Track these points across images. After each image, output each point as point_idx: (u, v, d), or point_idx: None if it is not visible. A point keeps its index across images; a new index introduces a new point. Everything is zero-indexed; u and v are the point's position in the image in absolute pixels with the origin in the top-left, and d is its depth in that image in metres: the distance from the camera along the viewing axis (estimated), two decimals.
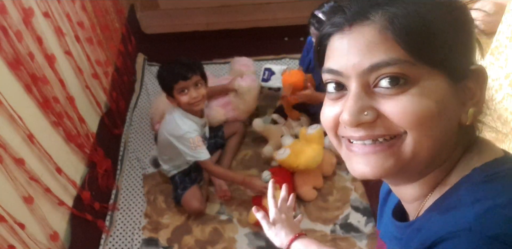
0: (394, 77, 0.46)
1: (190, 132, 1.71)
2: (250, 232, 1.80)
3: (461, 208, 0.45)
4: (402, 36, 0.45)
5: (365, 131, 0.49)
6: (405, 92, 0.46)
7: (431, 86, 0.46)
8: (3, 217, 1.27)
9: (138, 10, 2.78)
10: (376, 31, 0.46)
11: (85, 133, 1.87)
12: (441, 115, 0.46)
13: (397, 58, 0.45)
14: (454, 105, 0.48)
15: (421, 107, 0.45)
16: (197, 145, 1.70)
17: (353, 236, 1.76)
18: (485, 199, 0.44)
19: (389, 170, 0.49)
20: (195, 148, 1.70)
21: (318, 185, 1.91)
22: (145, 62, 2.61)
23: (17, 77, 1.41)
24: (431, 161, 0.50)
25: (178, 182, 1.88)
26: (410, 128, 0.46)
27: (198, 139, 1.71)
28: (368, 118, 0.47)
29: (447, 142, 0.49)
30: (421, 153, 0.48)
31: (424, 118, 0.45)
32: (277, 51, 2.59)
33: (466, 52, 0.49)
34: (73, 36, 1.82)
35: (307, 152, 1.77)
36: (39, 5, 1.56)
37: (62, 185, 1.72)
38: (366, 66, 0.47)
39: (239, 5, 2.73)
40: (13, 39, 1.35)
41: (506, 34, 1.16)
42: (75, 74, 1.87)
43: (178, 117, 1.74)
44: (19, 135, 1.41)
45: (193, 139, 1.69)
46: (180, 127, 1.71)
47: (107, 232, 1.82)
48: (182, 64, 1.71)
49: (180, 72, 1.68)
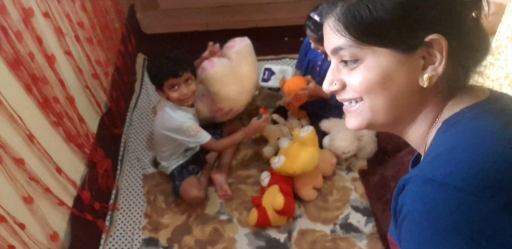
0: (344, 61, 0.61)
1: (185, 121, 1.73)
2: (250, 232, 1.80)
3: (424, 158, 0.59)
4: (349, 25, 0.58)
5: (339, 95, 0.66)
6: (356, 69, 0.60)
7: (374, 62, 0.58)
8: (3, 217, 1.27)
9: (138, 10, 2.78)
10: (335, 22, 0.60)
11: (85, 133, 1.87)
12: (386, 83, 0.58)
13: (346, 43, 0.59)
14: (404, 73, 0.58)
15: (366, 80, 0.59)
16: (197, 131, 1.74)
17: (353, 236, 1.76)
18: (436, 148, 0.57)
19: (361, 124, 0.65)
20: (195, 134, 1.73)
21: (318, 185, 1.91)
22: (145, 62, 2.61)
23: (17, 77, 1.41)
24: (395, 115, 0.62)
25: (176, 174, 1.90)
26: (363, 95, 0.61)
27: (196, 125, 1.75)
28: (336, 88, 0.65)
29: (407, 99, 0.60)
30: (379, 111, 0.61)
31: (370, 87, 0.59)
32: (277, 51, 2.59)
33: (417, 28, 0.56)
34: (73, 36, 1.82)
35: (302, 155, 1.76)
36: (39, 5, 1.56)
37: (62, 185, 1.72)
38: (331, 49, 0.63)
39: (239, 5, 2.73)
40: (13, 39, 1.36)
41: (506, 34, 1.16)
42: (75, 74, 1.87)
43: (170, 110, 1.76)
44: (19, 135, 1.41)
45: (191, 127, 1.72)
46: (175, 118, 1.73)
47: (107, 232, 1.82)
48: (172, 61, 1.70)
49: (171, 70, 1.68)
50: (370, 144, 1.98)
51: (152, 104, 2.35)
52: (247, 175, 1.99)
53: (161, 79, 1.71)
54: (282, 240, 1.77)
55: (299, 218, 1.84)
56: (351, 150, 1.89)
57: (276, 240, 1.77)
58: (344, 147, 1.88)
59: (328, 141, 1.92)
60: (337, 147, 1.88)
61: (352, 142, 1.89)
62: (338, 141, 1.88)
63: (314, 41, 1.77)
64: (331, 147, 1.91)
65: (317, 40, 1.73)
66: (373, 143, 1.99)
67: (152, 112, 2.30)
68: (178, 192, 1.87)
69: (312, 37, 1.75)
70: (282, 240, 1.77)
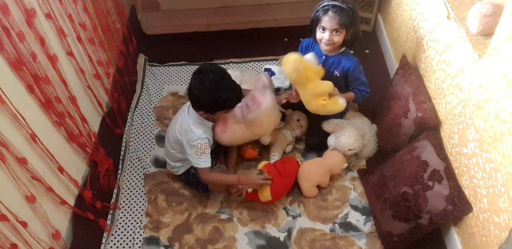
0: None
1: (201, 138, 1.70)
2: (250, 231, 1.81)
3: None
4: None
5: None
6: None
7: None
8: (5, 216, 1.28)
9: (139, 11, 2.80)
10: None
11: (87, 132, 1.88)
12: None
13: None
14: None
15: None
16: (203, 151, 1.70)
17: (352, 235, 1.77)
18: None
19: None
20: (200, 154, 1.70)
21: (323, 184, 1.92)
22: (146, 62, 2.62)
23: (19, 78, 1.42)
24: None
25: (196, 173, 1.84)
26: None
27: (206, 146, 1.71)
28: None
29: None
30: None
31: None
32: (277, 52, 2.60)
33: None
34: (75, 37, 1.83)
35: None
36: (42, 6, 1.57)
37: (64, 184, 1.74)
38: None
39: (239, 6, 2.74)
40: (15, 39, 1.37)
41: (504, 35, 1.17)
42: (77, 75, 1.88)
43: (192, 123, 1.72)
44: (22, 135, 1.43)
45: (201, 145, 1.69)
46: (194, 131, 1.70)
47: (108, 231, 1.83)
48: (236, 95, 1.65)
49: (234, 104, 1.67)
50: (371, 143, 1.99)
51: (153, 104, 2.37)
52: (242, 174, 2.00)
53: (218, 109, 1.67)
54: (282, 239, 1.78)
55: (299, 217, 1.85)
56: (357, 146, 1.90)
57: (276, 239, 1.78)
58: (350, 144, 1.89)
59: (334, 138, 1.93)
60: (343, 143, 1.89)
61: (357, 139, 1.90)
62: (344, 137, 1.89)
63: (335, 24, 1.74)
64: (337, 144, 1.91)
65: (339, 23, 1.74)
66: (374, 142, 2.01)
67: None
68: (207, 187, 1.86)
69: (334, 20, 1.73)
70: (282, 238, 1.78)
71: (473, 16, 1.42)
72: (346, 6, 1.73)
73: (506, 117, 1.17)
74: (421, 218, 1.53)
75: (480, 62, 1.34)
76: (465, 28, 1.47)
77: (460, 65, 1.50)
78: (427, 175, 1.53)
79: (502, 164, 1.20)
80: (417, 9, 1.97)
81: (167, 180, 2.01)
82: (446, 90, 1.63)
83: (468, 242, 1.51)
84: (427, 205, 1.50)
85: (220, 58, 2.62)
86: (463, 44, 1.47)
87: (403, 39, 2.20)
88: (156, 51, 2.70)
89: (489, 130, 1.27)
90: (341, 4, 1.74)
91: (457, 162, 1.53)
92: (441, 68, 1.68)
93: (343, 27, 1.75)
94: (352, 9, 1.74)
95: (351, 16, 1.74)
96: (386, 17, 2.51)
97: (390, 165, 1.75)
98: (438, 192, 1.49)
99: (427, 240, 1.70)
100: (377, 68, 2.45)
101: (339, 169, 1.92)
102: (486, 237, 1.36)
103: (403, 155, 1.70)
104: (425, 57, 1.85)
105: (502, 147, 1.19)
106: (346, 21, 1.73)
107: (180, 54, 2.67)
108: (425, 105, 1.70)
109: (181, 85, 2.49)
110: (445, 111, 1.64)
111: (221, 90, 1.60)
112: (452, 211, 1.47)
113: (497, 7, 1.37)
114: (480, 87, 1.34)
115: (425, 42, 1.86)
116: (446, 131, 1.63)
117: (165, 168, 2.05)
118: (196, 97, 1.64)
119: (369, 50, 2.58)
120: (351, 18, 1.74)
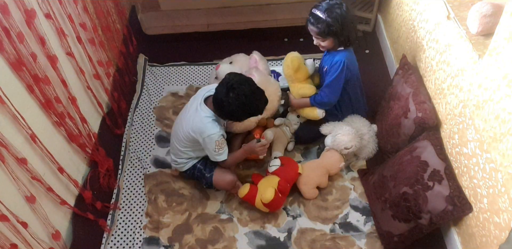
0: None
1: (215, 134, 1.70)
2: (251, 231, 1.81)
3: None
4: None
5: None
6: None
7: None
8: (5, 216, 1.28)
9: (139, 11, 2.80)
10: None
11: (87, 133, 1.88)
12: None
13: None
14: None
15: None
16: (220, 147, 1.75)
17: (352, 235, 1.77)
18: None
19: None
20: (218, 149, 1.74)
21: (322, 185, 1.92)
22: (146, 62, 2.62)
23: (19, 78, 1.42)
24: None
25: (202, 168, 1.88)
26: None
27: (223, 140, 1.75)
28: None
29: None
30: None
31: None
32: (277, 52, 2.60)
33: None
34: (75, 37, 1.83)
35: None
36: (41, 7, 1.57)
37: (64, 185, 1.74)
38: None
39: (239, 6, 2.74)
40: (15, 40, 1.37)
41: (504, 35, 1.17)
42: (77, 75, 1.88)
43: (208, 121, 1.72)
44: (22, 135, 1.43)
45: (218, 141, 1.72)
46: (211, 129, 1.70)
47: (108, 231, 1.83)
48: (264, 101, 1.71)
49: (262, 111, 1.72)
50: (371, 144, 1.99)
51: (153, 104, 2.37)
52: (247, 175, 2.00)
53: (250, 116, 1.72)
54: (282, 239, 1.78)
55: (299, 217, 1.85)
56: (353, 144, 1.90)
57: (276, 239, 1.78)
58: (346, 142, 1.89)
59: (331, 137, 1.94)
60: (339, 141, 1.89)
61: (353, 137, 1.90)
62: (340, 135, 1.90)
63: (314, 34, 1.81)
64: (333, 143, 1.91)
65: (317, 33, 1.79)
66: (374, 143, 2.01)
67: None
68: (211, 183, 1.87)
69: (313, 31, 1.81)
70: (282, 239, 1.78)
71: (473, 16, 1.42)
72: (324, 16, 1.71)
73: (506, 118, 1.17)
74: (421, 218, 1.53)
75: (480, 62, 1.34)
76: (465, 28, 1.47)
77: (460, 65, 1.50)
78: (427, 175, 1.53)
79: (502, 164, 1.20)
80: (417, 9, 1.97)
81: (167, 180, 2.01)
82: (446, 90, 1.63)
83: (468, 242, 1.51)
84: (427, 205, 1.50)
85: (220, 58, 2.62)
86: (463, 44, 1.47)
87: (403, 39, 2.20)
88: (156, 52, 2.70)
89: (489, 130, 1.27)
90: (321, 14, 1.72)
91: (457, 162, 1.53)
92: (441, 68, 1.68)
93: (323, 37, 1.78)
94: (334, 18, 1.71)
95: (331, 25, 1.72)
96: (386, 17, 2.51)
97: (390, 165, 1.75)
98: (438, 192, 1.49)
99: (427, 240, 1.70)
100: (377, 69, 2.45)
101: (336, 168, 1.92)
102: (486, 237, 1.36)
103: (403, 155, 1.70)
104: (425, 58, 1.85)
105: (502, 147, 1.19)
106: (325, 30, 1.74)
107: (180, 55, 2.67)
108: (425, 105, 1.70)
109: (181, 85, 2.49)
110: (445, 111, 1.64)
111: (255, 102, 1.65)
112: (452, 211, 1.47)
113: (497, 7, 1.37)
114: (480, 87, 1.34)
115: (425, 42, 1.86)
116: (446, 131, 1.63)
117: (165, 168, 2.05)
118: (230, 112, 1.65)
119: (369, 51, 2.58)
120: (332, 26, 1.72)
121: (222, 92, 1.60)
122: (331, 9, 1.72)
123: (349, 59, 1.85)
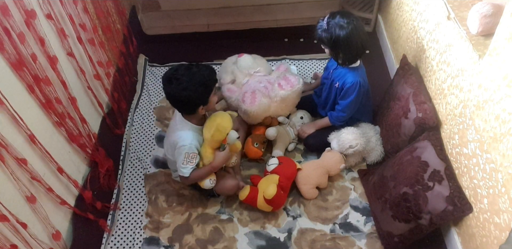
0: None
1: (189, 146, 1.66)
2: (251, 231, 1.81)
3: None
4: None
5: None
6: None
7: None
8: (5, 217, 1.28)
9: (140, 11, 2.80)
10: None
11: (87, 133, 1.88)
12: None
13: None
14: None
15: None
16: (189, 160, 1.68)
17: (352, 236, 1.77)
18: None
19: None
20: (186, 162, 1.68)
21: (322, 185, 1.92)
22: (146, 63, 2.62)
23: (19, 78, 1.42)
24: None
25: None
26: None
27: (194, 155, 1.68)
28: None
29: None
30: None
31: None
32: (277, 52, 2.60)
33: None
34: (75, 38, 1.83)
35: None
36: (42, 7, 1.57)
37: (64, 185, 1.74)
38: None
39: (239, 6, 2.75)
40: (15, 40, 1.37)
41: (504, 36, 1.17)
42: (77, 75, 1.88)
43: (182, 129, 1.69)
44: (22, 135, 1.43)
45: (188, 154, 1.67)
46: (183, 138, 1.67)
47: (108, 231, 1.83)
48: (209, 69, 1.65)
49: (216, 79, 1.67)
50: (378, 147, 1.98)
51: (153, 105, 2.37)
52: (248, 175, 2.00)
53: (211, 91, 1.65)
54: (282, 239, 1.78)
55: (299, 217, 1.85)
56: (358, 143, 1.89)
57: (276, 239, 1.78)
58: (350, 140, 1.88)
59: (336, 140, 1.93)
60: (344, 140, 1.89)
61: (358, 136, 1.89)
62: (345, 134, 1.90)
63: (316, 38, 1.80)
64: (338, 142, 1.90)
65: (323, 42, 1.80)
66: (380, 146, 1.99)
67: None
68: (211, 193, 1.87)
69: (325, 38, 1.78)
70: (282, 239, 1.78)
71: (473, 17, 1.42)
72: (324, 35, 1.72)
73: (506, 118, 1.17)
74: (422, 218, 1.53)
75: (480, 63, 1.34)
76: (465, 29, 1.47)
77: (460, 66, 1.50)
78: (428, 176, 1.53)
79: (503, 164, 1.20)
80: (417, 10, 1.97)
81: (167, 180, 2.01)
82: (446, 90, 1.63)
83: (469, 242, 1.50)
84: (427, 205, 1.50)
85: (220, 58, 2.62)
86: (463, 45, 1.47)
87: (403, 40, 2.20)
88: (156, 52, 2.70)
89: (489, 130, 1.27)
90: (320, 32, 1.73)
91: (457, 163, 1.53)
92: (441, 69, 1.68)
93: (320, 43, 1.80)
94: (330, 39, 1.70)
95: (329, 38, 1.71)
96: (386, 17, 2.51)
97: (390, 165, 1.75)
98: (439, 193, 1.49)
99: (427, 240, 1.70)
100: (377, 69, 2.45)
101: (336, 169, 1.92)
102: (487, 238, 1.36)
103: (403, 155, 1.70)
104: (425, 58, 1.85)
105: (503, 147, 1.19)
106: (322, 39, 1.75)
107: (180, 55, 2.67)
108: (425, 105, 1.70)
109: None
110: (445, 111, 1.64)
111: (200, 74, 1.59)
112: (452, 211, 1.47)
113: (497, 8, 1.37)
114: (480, 88, 1.34)
115: (425, 43, 1.85)
116: (446, 131, 1.63)
117: (165, 168, 2.05)
118: (188, 98, 1.58)
119: (369, 51, 2.58)
120: (330, 39, 1.72)
121: (168, 87, 1.58)
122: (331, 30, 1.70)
123: (362, 78, 1.84)
